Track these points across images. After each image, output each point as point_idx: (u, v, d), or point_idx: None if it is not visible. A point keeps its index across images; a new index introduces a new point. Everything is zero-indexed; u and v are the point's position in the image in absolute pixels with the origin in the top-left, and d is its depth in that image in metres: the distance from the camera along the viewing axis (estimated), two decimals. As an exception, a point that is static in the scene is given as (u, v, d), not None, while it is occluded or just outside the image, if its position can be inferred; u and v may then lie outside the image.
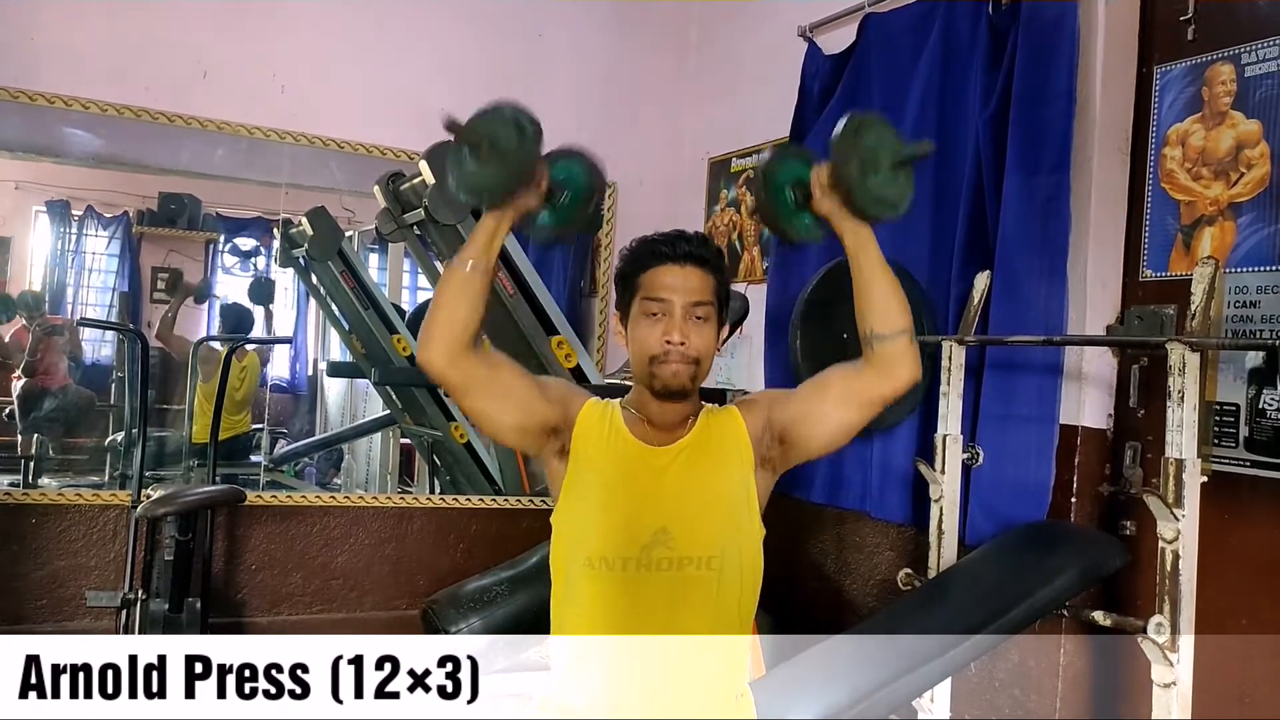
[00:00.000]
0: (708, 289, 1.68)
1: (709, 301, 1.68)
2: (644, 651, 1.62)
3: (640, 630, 1.62)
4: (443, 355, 1.60)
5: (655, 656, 1.62)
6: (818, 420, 1.69)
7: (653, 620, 1.62)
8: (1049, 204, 2.96)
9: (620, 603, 1.63)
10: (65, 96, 3.82)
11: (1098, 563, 2.70)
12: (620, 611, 1.63)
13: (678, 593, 1.63)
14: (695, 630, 1.63)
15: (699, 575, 1.63)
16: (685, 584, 1.63)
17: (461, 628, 3.48)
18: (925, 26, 3.43)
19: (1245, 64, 2.74)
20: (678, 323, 1.65)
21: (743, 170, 4.48)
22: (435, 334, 1.61)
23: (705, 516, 1.66)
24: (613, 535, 1.63)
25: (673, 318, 1.65)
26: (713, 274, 1.70)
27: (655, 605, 1.62)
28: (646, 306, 1.68)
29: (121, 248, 4.62)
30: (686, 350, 1.66)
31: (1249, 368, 2.67)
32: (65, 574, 3.77)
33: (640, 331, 1.68)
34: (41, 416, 4.38)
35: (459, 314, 1.61)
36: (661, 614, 1.62)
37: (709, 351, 1.70)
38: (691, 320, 1.66)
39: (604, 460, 1.67)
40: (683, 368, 1.66)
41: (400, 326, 4.57)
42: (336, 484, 5.04)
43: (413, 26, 4.34)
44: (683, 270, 1.67)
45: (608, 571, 1.63)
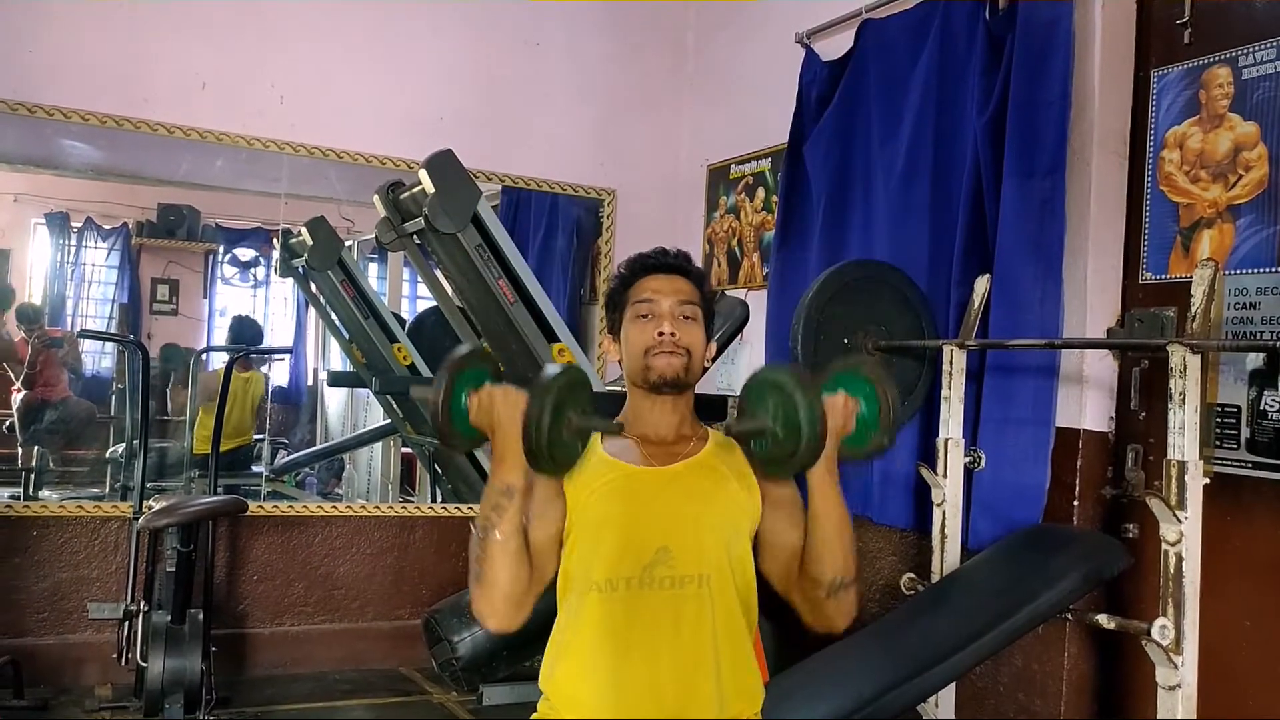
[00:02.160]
0: (693, 294, 1.74)
1: (695, 302, 1.74)
2: (647, 668, 1.62)
3: (641, 647, 1.62)
4: (515, 620, 1.61)
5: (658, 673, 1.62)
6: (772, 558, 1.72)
7: (654, 637, 1.63)
8: (1045, 207, 2.97)
9: (621, 622, 1.63)
10: (64, 108, 3.83)
11: (1101, 566, 2.70)
12: (621, 630, 1.63)
13: (678, 610, 1.63)
14: (696, 645, 1.63)
15: (699, 592, 1.63)
16: (685, 601, 1.63)
17: (464, 637, 3.48)
18: (922, 32, 3.44)
19: (1242, 66, 2.75)
20: (667, 317, 1.70)
21: (741, 177, 4.49)
22: (499, 610, 1.60)
23: (704, 534, 1.66)
24: (617, 558, 1.64)
25: (662, 315, 1.70)
26: (697, 284, 1.76)
27: (656, 622, 1.63)
28: (636, 309, 1.73)
29: (121, 259, 4.63)
30: (678, 340, 1.69)
31: (1250, 369, 2.67)
32: (67, 586, 3.77)
33: (632, 333, 1.73)
34: (42, 429, 4.38)
35: (505, 578, 1.59)
36: (663, 630, 1.63)
37: (699, 348, 1.73)
38: (680, 319, 1.71)
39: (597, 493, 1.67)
40: (675, 358, 1.69)
41: (400, 335, 4.57)
42: (338, 494, 5.04)
43: (410, 37, 4.36)
44: (669, 278, 1.74)
45: (611, 593, 1.63)
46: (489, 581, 1.58)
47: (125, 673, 3.54)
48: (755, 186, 4.40)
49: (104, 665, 3.62)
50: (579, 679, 1.66)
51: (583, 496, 1.67)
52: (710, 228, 4.68)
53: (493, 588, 1.58)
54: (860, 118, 3.69)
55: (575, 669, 1.66)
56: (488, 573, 1.58)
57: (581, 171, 4.67)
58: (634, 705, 1.61)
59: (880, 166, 3.57)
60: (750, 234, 4.42)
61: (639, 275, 1.75)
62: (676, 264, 1.75)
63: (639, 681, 1.62)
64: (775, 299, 3.95)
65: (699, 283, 1.76)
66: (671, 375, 1.69)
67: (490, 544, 1.57)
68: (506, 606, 1.59)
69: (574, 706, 1.65)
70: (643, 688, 1.62)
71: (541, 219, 4.73)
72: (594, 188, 4.72)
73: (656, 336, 1.69)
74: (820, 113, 3.80)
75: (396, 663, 4.23)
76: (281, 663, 4.08)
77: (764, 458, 1.66)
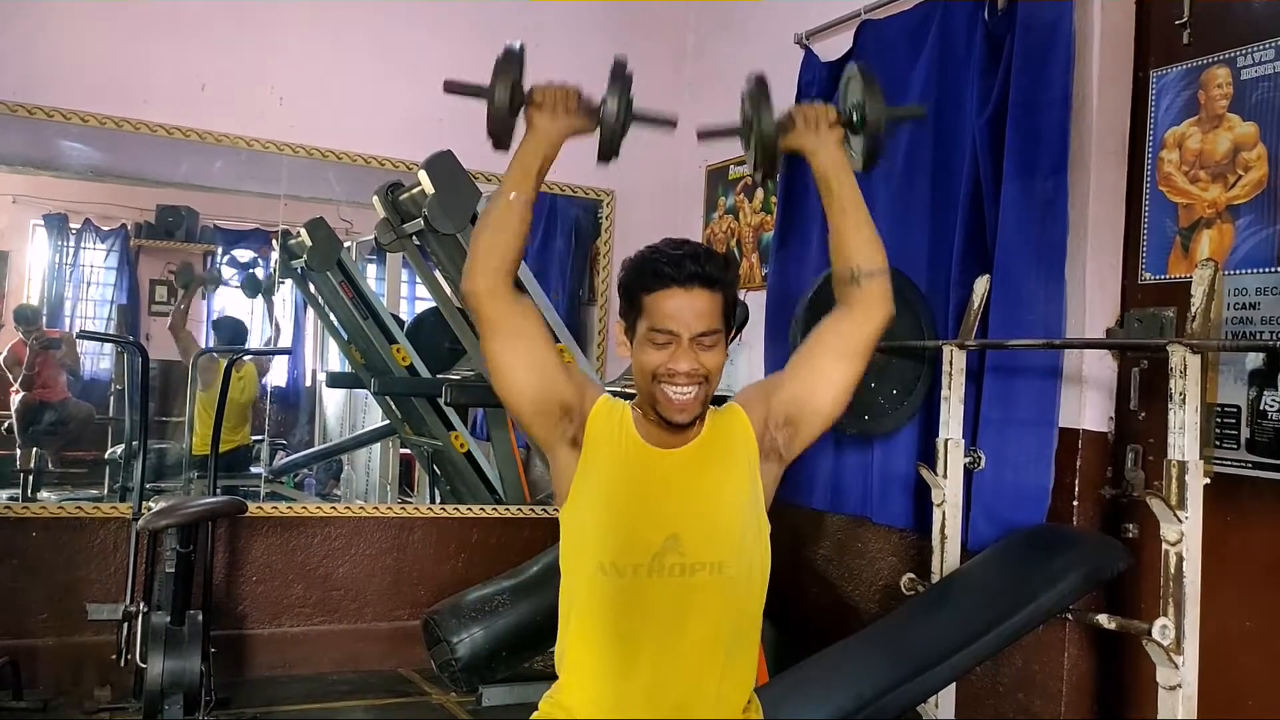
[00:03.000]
0: (715, 312, 1.63)
1: (716, 329, 1.63)
2: (652, 656, 1.62)
3: (649, 635, 1.62)
4: (484, 282, 1.63)
5: (663, 660, 1.62)
6: (823, 384, 1.71)
7: (662, 625, 1.62)
8: (1047, 208, 2.97)
9: (630, 609, 1.62)
10: (63, 110, 3.83)
11: (1101, 566, 2.70)
12: (629, 617, 1.62)
13: (687, 598, 1.62)
14: (704, 634, 1.63)
15: (710, 580, 1.62)
16: (695, 589, 1.62)
17: (463, 638, 3.47)
18: (921, 32, 3.44)
19: (1241, 67, 2.75)
20: (685, 351, 1.61)
21: (740, 178, 4.49)
22: (477, 263, 1.64)
23: (716, 521, 1.65)
24: (624, 542, 1.63)
25: (680, 349, 1.61)
26: (721, 292, 1.64)
27: (664, 610, 1.62)
28: (653, 337, 1.62)
29: (120, 260, 4.63)
30: (694, 371, 1.62)
31: (1249, 369, 2.67)
32: (66, 588, 3.76)
33: (644, 356, 1.64)
34: (41, 430, 4.37)
35: (499, 243, 1.65)
36: (671, 619, 1.62)
37: (717, 371, 1.65)
38: (699, 348, 1.62)
39: (614, 461, 1.66)
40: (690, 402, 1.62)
41: (399, 336, 4.58)
42: (336, 494, 5.04)
43: (408, 38, 4.35)
44: (689, 295, 1.61)
45: (619, 578, 1.62)
46: (479, 235, 1.68)
47: (125, 674, 3.53)
48: (754, 187, 4.40)
49: (103, 666, 3.60)
50: (584, 671, 1.66)
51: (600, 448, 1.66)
52: (709, 228, 4.68)
53: (479, 240, 1.67)
54: (859, 118, 3.68)
55: (580, 661, 1.66)
56: (482, 228, 1.68)
57: (580, 172, 4.65)
58: (638, 696, 1.61)
59: (879, 167, 3.56)
60: (749, 235, 4.42)
61: (657, 285, 1.62)
62: (699, 273, 1.61)
63: (643, 675, 1.62)
64: (774, 300, 3.95)
65: (725, 290, 1.65)
66: (683, 421, 1.64)
67: (499, 202, 1.67)
68: (484, 268, 1.64)
69: (579, 704, 1.65)
70: (646, 681, 1.62)
71: (540, 220, 4.73)
72: (593, 189, 4.72)
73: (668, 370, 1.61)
74: (819, 114, 3.80)
75: (395, 664, 4.22)
76: (281, 663, 4.07)
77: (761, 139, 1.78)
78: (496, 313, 1.64)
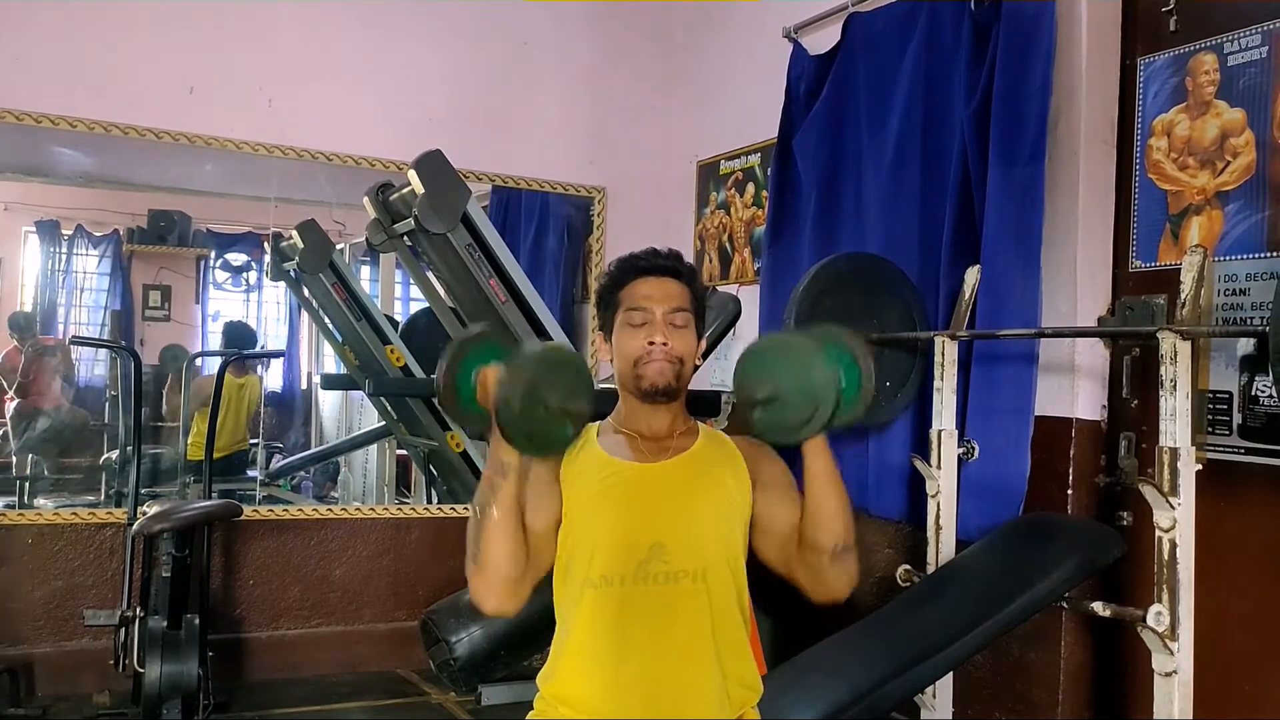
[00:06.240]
0: (685, 297, 1.74)
1: (686, 308, 1.74)
2: (642, 658, 1.63)
3: (636, 642, 1.64)
4: (510, 604, 1.60)
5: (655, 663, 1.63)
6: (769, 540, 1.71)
7: (648, 632, 1.64)
8: (1025, 195, 2.98)
9: (620, 614, 1.64)
10: (52, 115, 3.82)
11: (1095, 554, 2.70)
12: (621, 623, 1.64)
13: (672, 605, 1.65)
14: (690, 639, 1.65)
15: (692, 588, 1.65)
16: (679, 596, 1.65)
17: (462, 637, 3.47)
18: (909, 25, 3.44)
19: (1228, 53, 2.76)
20: (659, 327, 1.70)
21: (731, 173, 4.49)
22: (496, 590, 1.59)
23: (698, 529, 1.68)
24: (611, 555, 1.65)
25: (654, 324, 1.71)
26: (688, 285, 1.76)
27: (650, 617, 1.65)
28: (629, 317, 1.72)
29: (112, 266, 4.62)
30: (670, 350, 1.70)
31: (1240, 355, 2.68)
32: (62, 593, 3.76)
33: (623, 340, 1.73)
34: (35, 437, 4.37)
35: (502, 559, 1.58)
36: (657, 625, 1.64)
37: (690, 354, 1.74)
38: (671, 326, 1.71)
39: (591, 488, 1.69)
40: (667, 365, 1.70)
41: (393, 337, 4.57)
42: (333, 496, 5.03)
43: (398, 38, 4.35)
44: (660, 281, 1.73)
45: (606, 589, 1.65)
46: (486, 562, 1.58)
47: (123, 679, 3.52)
48: (745, 182, 4.40)
49: (101, 672, 3.60)
50: (576, 675, 1.67)
51: (578, 490, 1.69)
52: (701, 224, 4.68)
53: (489, 568, 1.58)
54: (849, 111, 3.68)
55: (572, 666, 1.67)
56: (485, 552, 1.58)
57: (571, 170, 4.67)
58: (629, 701, 1.62)
59: (869, 159, 3.57)
60: (741, 229, 4.42)
61: (630, 278, 1.75)
62: (668, 266, 1.75)
63: (634, 677, 1.63)
64: (767, 293, 3.95)
65: (690, 283, 1.76)
66: (663, 384, 1.70)
67: (487, 523, 1.57)
68: (503, 588, 1.59)
69: (571, 704, 1.66)
70: (638, 684, 1.63)
71: (532, 218, 4.73)
72: (584, 186, 4.71)
73: (647, 346, 1.69)
74: (809, 107, 3.80)
75: (394, 664, 4.22)
76: (279, 666, 4.07)
77: (772, 425, 1.58)
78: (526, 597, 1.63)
